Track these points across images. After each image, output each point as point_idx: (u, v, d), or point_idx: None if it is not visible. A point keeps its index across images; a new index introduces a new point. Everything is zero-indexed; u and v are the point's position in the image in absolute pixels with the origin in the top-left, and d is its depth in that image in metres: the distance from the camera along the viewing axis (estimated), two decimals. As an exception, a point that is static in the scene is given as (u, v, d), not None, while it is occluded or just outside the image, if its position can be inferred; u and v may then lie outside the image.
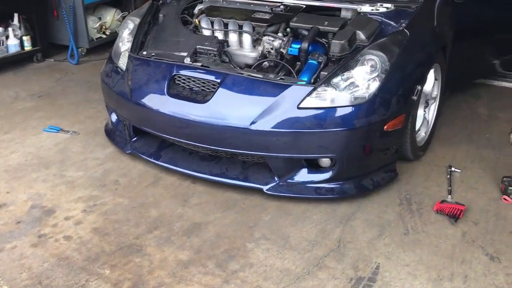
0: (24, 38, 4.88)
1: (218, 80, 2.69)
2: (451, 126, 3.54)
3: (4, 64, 4.75)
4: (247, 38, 3.01)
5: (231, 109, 2.61)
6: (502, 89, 4.23)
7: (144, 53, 3.06)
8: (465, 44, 3.50)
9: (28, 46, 4.92)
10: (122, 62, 3.11)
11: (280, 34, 2.98)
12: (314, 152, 2.57)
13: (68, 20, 4.97)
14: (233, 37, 3.06)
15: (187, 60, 2.84)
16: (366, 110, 2.54)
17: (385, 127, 2.60)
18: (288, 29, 3.00)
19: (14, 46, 4.82)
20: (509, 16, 3.78)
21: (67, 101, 4.07)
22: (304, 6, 3.15)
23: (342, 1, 3.12)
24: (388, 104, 2.61)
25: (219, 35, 3.08)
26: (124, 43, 3.24)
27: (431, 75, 3.07)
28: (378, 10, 3.00)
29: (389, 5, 3.02)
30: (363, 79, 2.59)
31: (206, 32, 3.12)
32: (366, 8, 3.02)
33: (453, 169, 3.01)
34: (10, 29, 4.77)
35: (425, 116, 3.16)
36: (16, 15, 4.85)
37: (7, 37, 4.76)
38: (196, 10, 3.38)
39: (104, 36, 5.29)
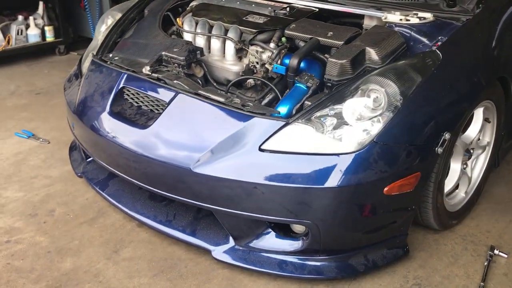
0: (46, 28, 4.55)
1: (167, 100, 2.04)
2: (510, 186, 2.61)
3: (22, 55, 4.46)
4: (229, 47, 2.31)
5: (173, 141, 1.95)
6: None
7: (110, 55, 2.48)
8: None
9: (50, 37, 4.59)
10: (86, 66, 2.57)
11: (272, 45, 2.26)
12: (278, 214, 1.81)
13: (91, 11, 4.57)
14: (215, 44, 2.37)
15: (146, 69, 2.21)
16: (357, 162, 1.74)
17: (385, 189, 1.79)
18: (283, 39, 2.27)
19: (34, 36, 4.50)
20: None
21: (63, 101, 3.61)
22: (317, 9, 2.40)
23: (367, 7, 2.32)
24: (393, 158, 1.79)
25: (200, 41, 2.42)
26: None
27: (478, 116, 2.19)
28: (408, 20, 2.16)
29: (427, 15, 2.17)
30: (361, 117, 1.80)
31: (187, 36, 2.48)
32: (393, 17, 2.19)
33: (496, 252, 2.11)
34: (31, 17, 4.46)
35: (465, 171, 2.28)
36: (41, 4, 4.54)
37: (27, 27, 4.46)
38: (190, 6, 2.73)
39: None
